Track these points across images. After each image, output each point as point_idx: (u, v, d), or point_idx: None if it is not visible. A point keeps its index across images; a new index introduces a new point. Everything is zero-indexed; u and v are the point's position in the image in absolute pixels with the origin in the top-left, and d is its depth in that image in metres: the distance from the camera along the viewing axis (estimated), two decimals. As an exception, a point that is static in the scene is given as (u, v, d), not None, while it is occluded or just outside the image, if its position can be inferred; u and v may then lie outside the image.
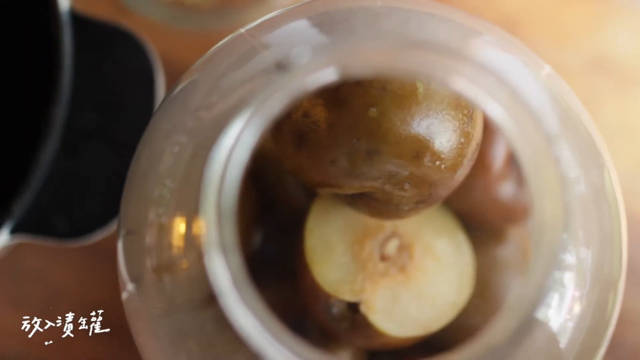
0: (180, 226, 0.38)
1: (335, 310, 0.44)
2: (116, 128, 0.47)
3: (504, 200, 0.46)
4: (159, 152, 0.38)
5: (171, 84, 0.43)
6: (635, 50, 0.60)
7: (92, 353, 0.56)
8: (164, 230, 0.38)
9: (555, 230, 0.34)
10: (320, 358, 0.36)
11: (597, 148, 0.42)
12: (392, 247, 0.44)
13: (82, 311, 0.56)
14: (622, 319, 0.56)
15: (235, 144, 0.33)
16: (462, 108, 0.40)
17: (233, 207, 0.34)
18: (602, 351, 0.40)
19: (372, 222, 0.44)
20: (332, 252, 0.44)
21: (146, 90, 0.47)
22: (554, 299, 0.38)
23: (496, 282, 0.47)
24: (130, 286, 0.40)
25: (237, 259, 0.33)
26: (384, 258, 0.44)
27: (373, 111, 0.38)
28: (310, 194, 0.46)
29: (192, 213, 0.37)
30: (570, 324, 0.38)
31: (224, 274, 0.34)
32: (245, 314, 0.35)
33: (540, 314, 0.35)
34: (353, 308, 0.44)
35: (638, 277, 0.58)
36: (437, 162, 0.39)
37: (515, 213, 0.46)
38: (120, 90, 0.48)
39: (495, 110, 0.35)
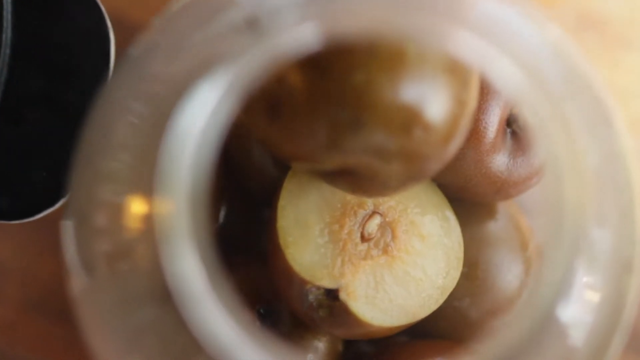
0: (137, 207, 0.33)
1: (311, 297, 0.39)
2: (64, 93, 0.42)
3: (496, 173, 0.41)
4: (113, 122, 0.33)
5: (126, 45, 0.38)
6: (626, 8, 0.56)
7: (37, 337, 0.52)
8: (118, 211, 0.34)
9: (578, 210, 0.29)
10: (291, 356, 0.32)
11: (610, 114, 0.38)
12: (373, 225, 0.40)
13: (27, 292, 0.51)
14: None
15: (210, 116, 0.28)
16: (458, 73, 0.35)
17: (205, 187, 0.29)
18: (619, 340, 0.36)
19: (351, 198, 0.40)
20: (308, 232, 0.39)
21: (98, 51, 0.42)
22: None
23: (486, 262, 0.43)
24: (78, 275, 0.35)
25: (210, 251, 0.29)
26: (364, 238, 0.40)
27: (358, 76, 0.34)
28: (282, 168, 0.41)
29: (151, 192, 0.32)
30: (585, 315, 0.34)
31: (194, 267, 0.29)
32: (214, 315, 0.31)
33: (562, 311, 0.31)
34: (331, 295, 0.39)
35: None
36: (430, 134, 0.35)
37: (509, 187, 0.42)
38: (69, 51, 0.42)
39: (504, 72, 0.30)
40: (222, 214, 0.43)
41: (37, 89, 0.43)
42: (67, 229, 0.36)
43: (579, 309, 0.34)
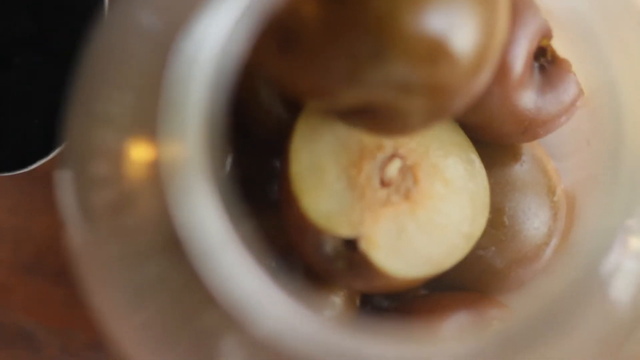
0: (141, 152, 0.30)
1: (328, 247, 0.36)
2: (55, 34, 0.39)
3: (524, 111, 0.38)
4: (111, 61, 0.30)
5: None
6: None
7: (33, 299, 0.49)
8: (120, 157, 0.31)
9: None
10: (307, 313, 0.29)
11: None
12: (393, 169, 0.37)
13: (21, 252, 0.49)
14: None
15: (223, 43, 0.25)
16: (487, -2, 0.32)
17: (221, 124, 0.26)
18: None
19: (369, 140, 0.37)
20: (324, 178, 0.36)
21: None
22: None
23: (512, 208, 0.40)
24: (77, 229, 0.32)
25: (226, 197, 0.26)
26: (384, 183, 0.37)
27: (379, 3, 0.31)
28: (293, 110, 0.38)
29: (156, 135, 0.29)
30: (629, 263, 0.31)
31: (208, 215, 0.26)
32: (232, 267, 0.28)
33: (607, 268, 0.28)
34: (350, 245, 0.36)
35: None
36: (457, 64, 0.32)
37: (537, 126, 0.39)
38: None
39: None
40: (228, 161, 0.40)
41: (25, 30, 0.39)
42: (64, 179, 0.33)
43: (622, 256, 0.31)
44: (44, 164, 0.42)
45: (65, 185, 0.33)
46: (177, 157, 0.27)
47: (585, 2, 0.27)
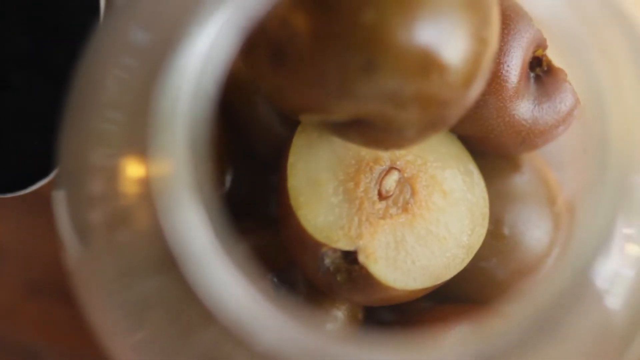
0: (132, 169, 0.30)
1: (327, 261, 0.36)
2: (53, 53, 0.39)
3: (521, 121, 0.38)
4: (102, 78, 0.30)
5: (116, -4, 0.35)
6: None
7: (40, 320, 0.49)
8: (113, 175, 0.31)
9: (623, 152, 0.26)
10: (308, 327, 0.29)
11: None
12: (391, 181, 0.37)
13: (28, 273, 0.49)
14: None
15: (206, 60, 0.25)
16: (478, 9, 0.32)
17: (206, 138, 0.26)
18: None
19: (366, 153, 0.37)
20: (321, 191, 0.36)
21: (87, 5, 0.39)
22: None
23: (512, 219, 0.40)
24: (73, 247, 0.32)
25: (216, 210, 0.26)
26: (382, 196, 0.37)
27: (368, 15, 0.31)
28: (290, 124, 0.38)
29: (146, 151, 0.29)
30: (624, 270, 0.31)
31: (198, 229, 0.26)
32: (224, 280, 0.28)
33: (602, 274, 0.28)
34: (349, 258, 0.36)
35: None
36: (449, 76, 0.32)
37: (534, 136, 0.39)
38: (56, 7, 0.39)
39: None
40: (228, 178, 0.40)
41: (23, 50, 0.40)
42: (59, 198, 0.33)
43: (618, 264, 0.31)
44: (47, 183, 0.42)
45: (60, 204, 0.33)
46: (165, 173, 0.27)
47: (568, 11, 0.27)
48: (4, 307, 0.49)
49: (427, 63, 0.31)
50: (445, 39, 0.31)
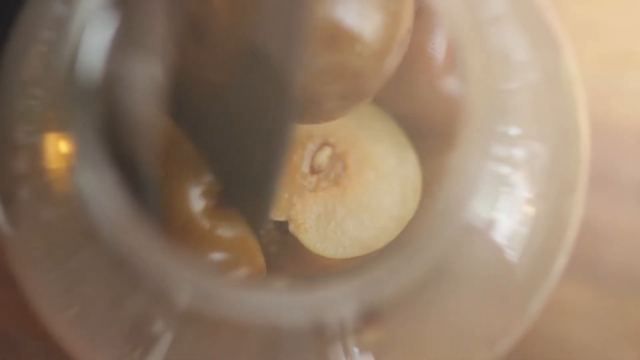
0: (53, 144, 0.32)
1: (261, 232, 0.38)
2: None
3: (450, 98, 0.40)
4: (25, 53, 0.32)
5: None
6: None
7: (16, 306, 0.51)
8: (35, 151, 0.32)
9: (486, 118, 0.28)
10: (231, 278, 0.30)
11: (553, 34, 0.37)
12: (323, 157, 0.39)
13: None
14: (597, 233, 0.51)
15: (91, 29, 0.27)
16: (385, -17, 0.34)
17: (95, 109, 0.28)
18: (559, 261, 0.35)
19: (300, 131, 0.39)
20: (254, 165, 0.38)
21: None
22: (501, 200, 0.33)
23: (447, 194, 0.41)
24: (4, 230, 0.34)
25: (106, 163, 0.28)
26: (314, 170, 0.39)
27: (278, -10, 0.33)
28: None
29: (64, 126, 0.31)
30: (522, 229, 0.33)
31: (109, 197, 0.28)
32: (142, 242, 0.29)
33: (481, 216, 0.29)
34: (281, 229, 0.38)
35: (613, 187, 0.52)
36: (359, 47, 0.34)
37: (464, 113, 0.40)
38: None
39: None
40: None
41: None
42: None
43: (516, 222, 0.33)
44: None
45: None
46: (73, 147, 0.29)
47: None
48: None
49: (335, 35, 0.33)
50: (353, 11, 0.33)
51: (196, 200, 0.35)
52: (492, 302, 0.33)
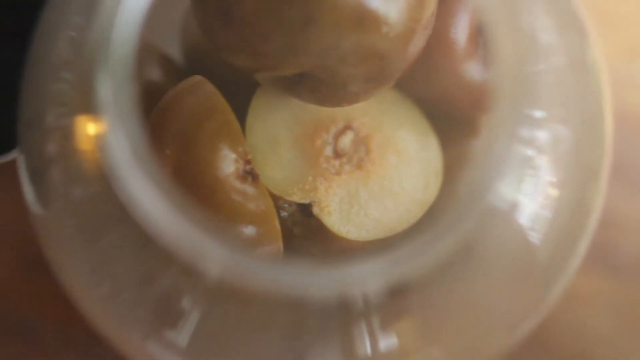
0: (84, 125, 0.32)
1: (284, 214, 0.38)
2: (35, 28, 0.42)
3: (472, 83, 0.40)
4: (55, 37, 0.33)
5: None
6: None
7: (36, 293, 0.51)
8: (67, 133, 0.33)
9: (516, 95, 0.29)
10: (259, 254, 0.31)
11: (579, 19, 0.37)
12: (346, 140, 0.39)
13: (22, 246, 0.51)
14: (615, 224, 0.52)
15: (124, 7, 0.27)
16: (411, -35, 0.34)
17: (133, 93, 0.28)
18: (581, 246, 0.35)
19: (323, 115, 0.39)
20: (277, 148, 0.38)
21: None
22: (525, 183, 0.33)
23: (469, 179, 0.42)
24: (35, 207, 0.34)
25: (142, 143, 0.28)
26: (337, 154, 0.39)
27: (305, -28, 0.33)
28: (251, 89, 0.40)
29: (94, 108, 0.31)
30: (546, 213, 0.33)
31: (128, 164, 0.28)
32: (177, 223, 0.29)
33: (506, 198, 0.30)
34: (305, 211, 0.38)
35: (631, 178, 0.53)
36: (385, 29, 0.34)
37: (486, 97, 0.41)
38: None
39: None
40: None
41: (7, 26, 0.42)
42: (20, 161, 0.35)
43: (540, 205, 0.33)
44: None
45: (21, 166, 0.35)
46: (105, 129, 0.29)
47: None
48: None
49: (362, 16, 0.34)
50: (380, -6, 0.34)
51: (227, 165, 0.35)
52: (515, 284, 0.33)
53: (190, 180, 0.35)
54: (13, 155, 0.42)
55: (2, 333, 0.51)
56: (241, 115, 0.40)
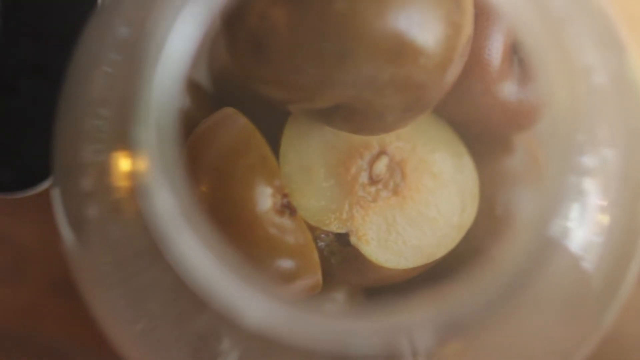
0: (121, 162, 0.32)
1: (321, 244, 0.38)
2: (58, 60, 0.41)
3: (506, 103, 0.40)
4: (90, 73, 0.32)
5: None
6: None
7: (65, 316, 0.51)
8: (103, 169, 0.32)
9: (570, 126, 0.28)
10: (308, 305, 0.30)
11: (616, 33, 0.36)
12: (381, 166, 0.38)
13: (49, 272, 0.51)
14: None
15: (173, 40, 0.27)
16: (447, -7, 0.33)
17: (172, 120, 0.28)
18: (634, 268, 0.34)
19: (356, 140, 0.39)
20: (312, 177, 0.38)
21: (89, 13, 0.41)
22: (574, 210, 0.32)
23: (504, 198, 0.41)
24: (70, 241, 0.34)
25: (183, 187, 0.27)
26: (373, 180, 0.38)
27: (340, 5, 0.32)
28: (282, 116, 0.40)
29: (131, 145, 0.31)
30: (597, 239, 0.32)
31: (169, 209, 0.28)
32: (210, 270, 0.29)
33: (559, 229, 0.29)
34: (342, 240, 0.38)
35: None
36: (422, 60, 0.33)
37: (521, 117, 0.40)
38: (59, 14, 0.41)
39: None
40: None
41: (30, 57, 0.42)
42: (55, 195, 0.35)
43: (590, 232, 0.32)
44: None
45: (56, 200, 0.34)
46: (143, 166, 0.29)
47: None
48: (29, 307, 0.51)
49: (400, 48, 0.33)
50: (417, 24, 0.33)
51: (264, 201, 0.35)
52: (569, 316, 0.32)
53: (227, 217, 0.34)
54: (44, 186, 0.42)
55: (32, 356, 0.51)
56: (272, 140, 0.40)
